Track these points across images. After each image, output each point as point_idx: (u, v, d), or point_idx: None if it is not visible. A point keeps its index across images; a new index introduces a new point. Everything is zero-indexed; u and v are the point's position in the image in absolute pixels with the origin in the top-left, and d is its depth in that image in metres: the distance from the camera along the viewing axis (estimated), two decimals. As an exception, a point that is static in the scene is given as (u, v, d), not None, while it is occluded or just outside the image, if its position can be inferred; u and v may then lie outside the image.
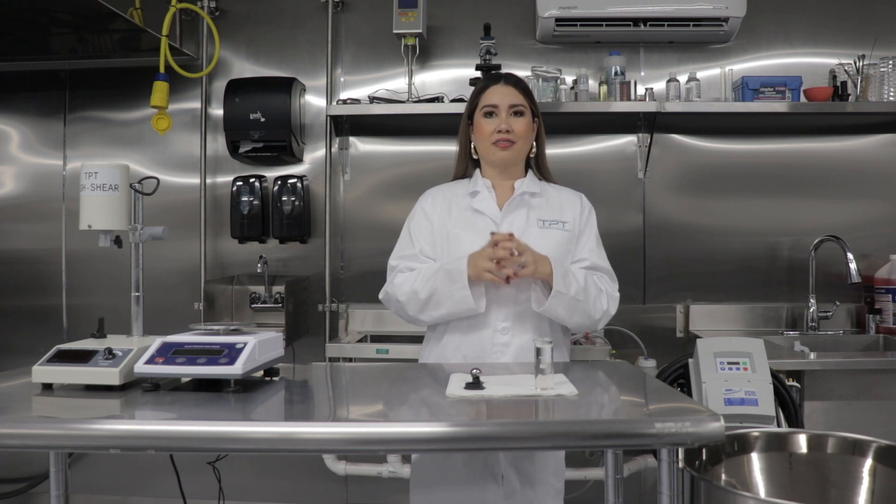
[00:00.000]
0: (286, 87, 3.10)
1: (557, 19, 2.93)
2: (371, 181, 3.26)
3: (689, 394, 1.92)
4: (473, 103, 2.01)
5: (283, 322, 2.93)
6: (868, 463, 1.53)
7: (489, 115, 1.96)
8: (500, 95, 1.96)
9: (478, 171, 2.05)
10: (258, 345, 1.49)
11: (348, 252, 3.27)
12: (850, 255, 2.86)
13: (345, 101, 3.10)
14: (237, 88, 3.11)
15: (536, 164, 2.05)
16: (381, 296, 2.01)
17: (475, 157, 2.03)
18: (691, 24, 2.92)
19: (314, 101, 3.27)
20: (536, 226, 1.93)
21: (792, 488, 1.57)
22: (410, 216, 2.05)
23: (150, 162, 3.31)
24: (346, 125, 3.23)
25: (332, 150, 3.25)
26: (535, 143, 2.02)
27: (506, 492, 1.84)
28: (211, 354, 1.45)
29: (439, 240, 1.97)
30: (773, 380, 1.86)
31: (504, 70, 2.93)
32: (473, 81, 2.98)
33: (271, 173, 3.22)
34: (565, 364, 1.84)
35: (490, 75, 2.05)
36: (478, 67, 2.93)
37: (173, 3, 2.94)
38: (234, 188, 3.17)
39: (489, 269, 1.77)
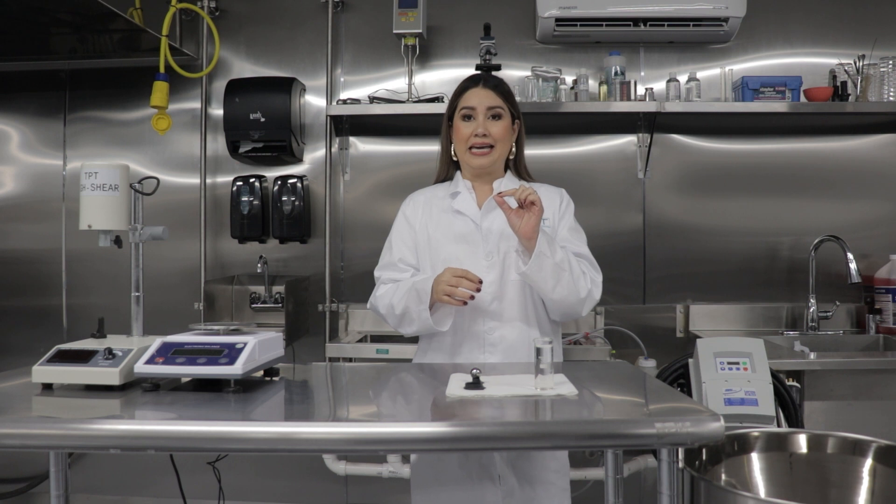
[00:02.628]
0: (286, 87, 3.10)
1: (557, 19, 2.93)
2: (371, 181, 3.26)
3: (689, 394, 1.92)
4: (453, 105, 2.00)
5: (283, 322, 2.93)
6: (868, 463, 1.53)
7: (467, 118, 1.95)
8: (477, 98, 1.95)
9: (458, 172, 2.05)
10: (258, 345, 1.49)
11: (348, 252, 3.27)
12: (850, 255, 2.86)
13: (345, 101, 3.10)
14: (237, 88, 3.10)
15: (515, 166, 2.05)
16: (367, 305, 2.02)
17: (456, 158, 2.03)
18: (691, 24, 2.92)
19: (314, 101, 3.27)
20: None
21: (792, 488, 1.57)
22: (394, 225, 2.05)
23: (150, 162, 3.31)
24: (346, 125, 3.23)
25: (332, 150, 3.24)
26: (514, 145, 2.01)
27: (504, 491, 1.84)
28: (211, 354, 1.45)
29: (422, 243, 1.98)
30: (773, 380, 1.86)
31: (504, 70, 2.94)
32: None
33: (271, 173, 3.22)
34: (565, 364, 1.84)
35: (470, 77, 2.04)
36: (478, 67, 2.93)
37: (173, 3, 2.94)
38: (234, 188, 3.17)
39: (447, 292, 1.76)
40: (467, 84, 2.00)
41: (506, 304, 1.90)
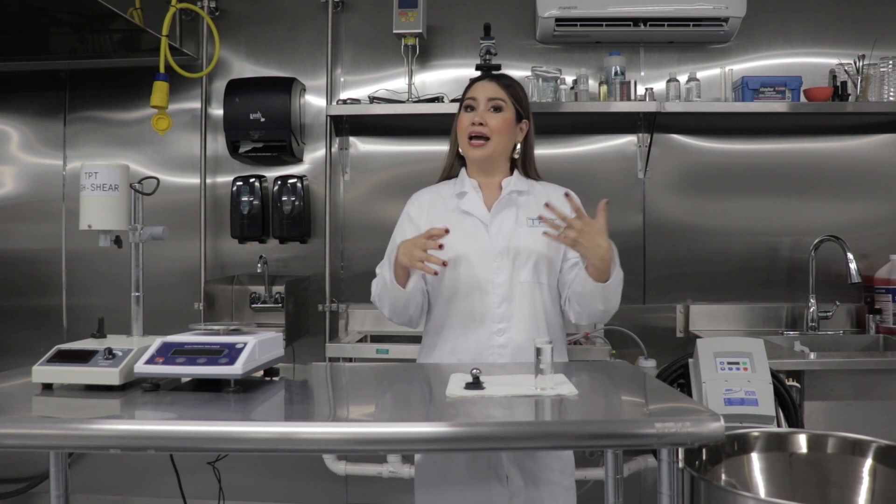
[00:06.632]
0: (286, 87, 3.10)
1: (557, 19, 2.93)
2: (371, 181, 3.26)
3: (689, 394, 1.92)
4: (461, 100, 2.01)
5: (283, 322, 2.93)
6: (868, 463, 1.53)
7: (468, 108, 1.95)
8: (480, 89, 1.95)
9: (464, 170, 2.03)
10: (258, 345, 1.49)
11: (348, 252, 3.27)
12: (850, 255, 2.86)
13: (345, 101, 3.10)
14: (237, 88, 3.11)
15: (523, 166, 2.03)
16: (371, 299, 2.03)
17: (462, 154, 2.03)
18: (691, 24, 2.92)
19: (314, 101, 3.27)
20: (526, 224, 1.92)
21: (792, 488, 1.57)
22: (397, 223, 2.04)
23: (150, 162, 3.31)
24: (346, 125, 3.23)
25: (332, 150, 3.25)
26: (521, 145, 2.00)
27: (511, 491, 1.84)
28: (211, 354, 1.45)
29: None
30: (773, 380, 1.86)
31: (504, 70, 2.93)
32: (473, 81, 2.99)
33: (271, 173, 3.22)
34: (565, 364, 1.84)
35: (482, 74, 2.06)
36: (478, 67, 2.93)
37: (173, 3, 2.94)
38: (234, 188, 3.17)
39: (421, 258, 1.72)
40: (476, 78, 2.02)
41: (515, 305, 1.88)
